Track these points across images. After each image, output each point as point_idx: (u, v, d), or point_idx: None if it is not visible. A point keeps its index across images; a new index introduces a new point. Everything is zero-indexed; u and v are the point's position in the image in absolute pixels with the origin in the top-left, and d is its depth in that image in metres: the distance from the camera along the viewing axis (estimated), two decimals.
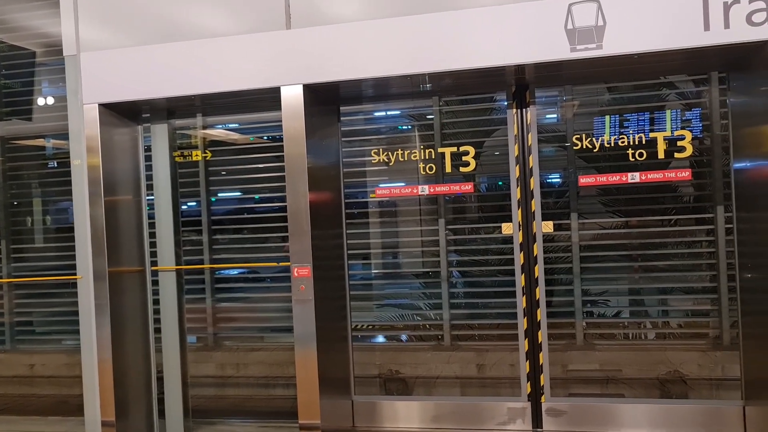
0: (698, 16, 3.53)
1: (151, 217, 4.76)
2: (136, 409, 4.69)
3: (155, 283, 4.80)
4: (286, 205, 4.11)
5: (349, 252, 4.73)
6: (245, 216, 4.99)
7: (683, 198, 4.52)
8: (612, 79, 4.44)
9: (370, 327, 4.92)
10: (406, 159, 4.57)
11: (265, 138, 4.92)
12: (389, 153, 4.58)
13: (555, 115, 4.63)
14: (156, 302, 4.79)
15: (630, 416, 4.24)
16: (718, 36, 3.52)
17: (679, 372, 4.38)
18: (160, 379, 4.79)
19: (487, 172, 4.72)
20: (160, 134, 4.72)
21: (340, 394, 4.56)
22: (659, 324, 4.66)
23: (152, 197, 4.74)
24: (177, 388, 4.76)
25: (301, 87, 4.06)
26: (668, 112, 4.25)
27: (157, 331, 4.80)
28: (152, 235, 4.79)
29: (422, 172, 4.54)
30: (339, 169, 4.66)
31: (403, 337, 4.96)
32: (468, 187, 4.49)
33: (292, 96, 4.07)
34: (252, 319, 5.13)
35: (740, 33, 3.49)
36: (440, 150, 4.52)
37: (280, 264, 4.68)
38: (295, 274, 4.09)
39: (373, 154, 4.61)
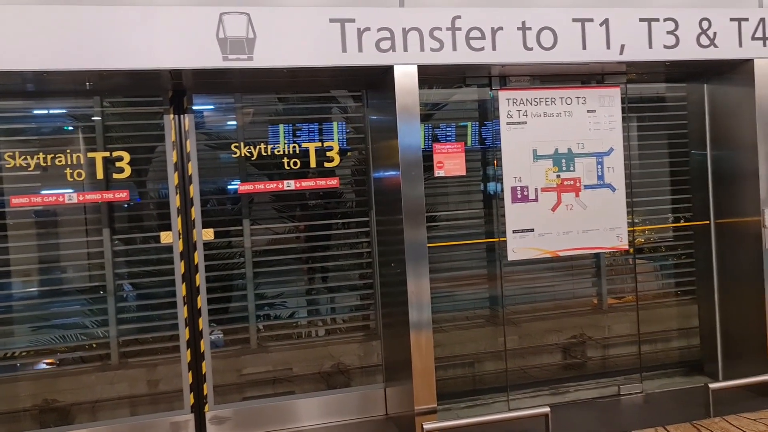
0: (337, 38, 3.89)
1: None
2: None
3: None
4: None
5: None
6: None
7: (345, 204, 4.94)
8: (270, 90, 4.64)
9: (17, 354, 4.32)
10: (50, 164, 4.11)
11: None
12: (29, 157, 4.07)
13: (222, 122, 4.66)
14: None
15: (294, 412, 4.46)
16: (353, 58, 3.92)
17: (342, 363, 4.75)
18: None
19: (149, 178, 4.53)
20: None
21: None
22: (327, 321, 4.99)
23: None
24: None
25: None
26: (333, 125, 4.60)
27: None
28: None
29: (70, 179, 4.14)
30: None
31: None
32: (123, 195, 4.23)
33: None
34: None
35: (371, 57, 3.94)
36: (90, 155, 4.17)
37: None
38: None
39: (6, 158, 4.05)
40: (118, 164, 4.20)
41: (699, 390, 4.61)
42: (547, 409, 4.00)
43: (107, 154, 4.19)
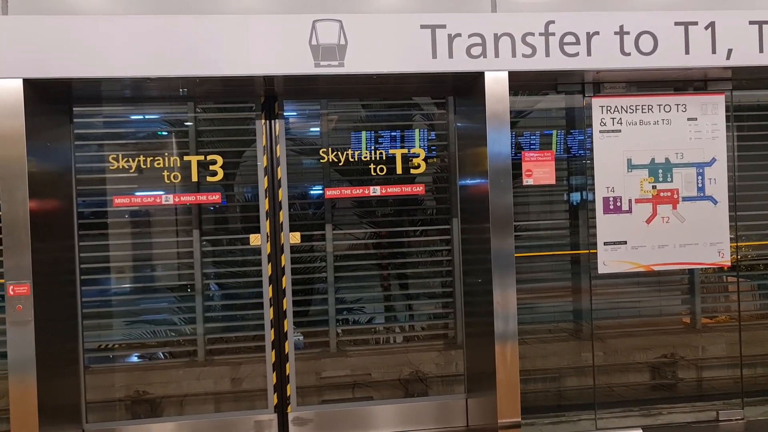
0: (428, 45, 3.87)
1: None
2: None
3: None
4: None
5: (88, 266, 4.31)
6: None
7: (426, 211, 4.92)
8: (355, 96, 4.67)
9: (114, 346, 4.54)
10: (149, 166, 4.30)
11: None
12: (131, 159, 4.27)
13: (309, 128, 4.74)
14: None
15: (374, 417, 4.46)
16: (443, 64, 3.89)
17: (420, 371, 4.72)
18: None
19: (240, 182, 4.66)
20: None
21: (68, 423, 4.11)
22: (405, 328, 4.98)
23: None
24: None
25: (20, 81, 3.60)
26: (416, 131, 4.59)
27: None
28: None
29: (167, 181, 4.31)
30: (71, 175, 4.23)
31: (160, 354, 4.66)
32: (215, 197, 4.36)
33: (8, 90, 3.59)
34: None
35: (461, 63, 3.90)
36: (187, 158, 4.33)
37: None
38: (11, 293, 3.60)
39: (111, 160, 4.26)
40: (212, 168, 4.34)
41: None
42: (639, 431, 3.81)
43: (201, 157, 4.35)
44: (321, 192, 4.57)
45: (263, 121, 4.34)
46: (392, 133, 4.57)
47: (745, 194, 4.76)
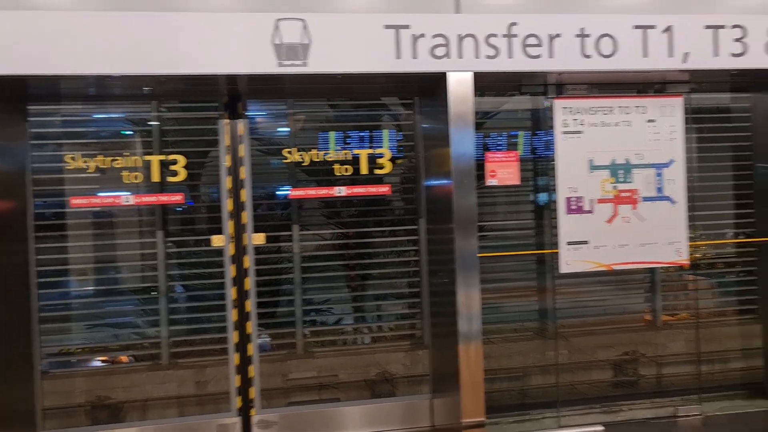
0: (392, 45, 3.87)
1: None
2: None
3: None
4: None
5: (45, 269, 4.21)
6: None
7: (394, 211, 4.92)
8: (322, 96, 4.66)
9: (73, 351, 4.45)
10: (109, 166, 4.21)
11: None
12: (89, 159, 4.18)
13: (274, 128, 4.71)
14: None
15: (340, 419, 4.44)
16: (408, 64, 3.89)
17: (387, 372, 4.71)
18: None
19: (205, 182, 4.61)
20: None
21: (22, 431, 4.00)
22: (373, 328, 4.97)
23: None
24: None
25: None
26: (383, 132, 4.58)
27: None
28: None
29: (127, 181, 4.22)
30: (27, 176, 4.12)
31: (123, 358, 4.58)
32: (178, 198, 4.29)
33: None
34: None
35: (425, 63, 3.91)
36: (148, 158, 4.25)
37: None
38: None
39: (68, 160, 4.16)
40: (172, 168, 4.28)
41: (761, 414, 4.39)
42: (601, 428, 3.87)
43: (163, 157, 4.27)
44: (287, 192, 4.54)
45: (226, 120, 4.29)
46: (359, 134, 4.55)
47: (704, 194, 4.88)
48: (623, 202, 4.36)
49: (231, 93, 4.28)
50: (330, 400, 4.59)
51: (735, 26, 4.16)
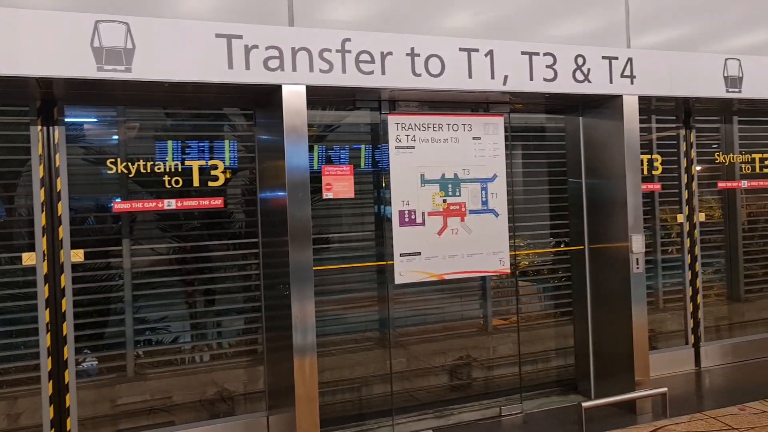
0: (224, 55, 3.77)
1: None
2: None
3: None
4: None
5: None
6: None
7: (233, 224, 4.76)
8: (155, 104, 4.42)
9: None
10: None
11: None
12: None
13: (98, 136, 4.38)
14: None
15: None
16: (240, 75, 3.82)
17: (226, 390, 4.54)
18: None
19: (22, 194, 4.18)
20: None
21: None
22: (212, 345, 4.76)
23: None
24: None
25: None
26: (225, 143, 4.44)
27: None
28: None
29: None
30: None
31: None
32: None
33: None
34: None
35: (259, 75, 3.85)
36: None
37: None
38: None
39: None
40: None
41: (573, 408, 4.81)
42: None
43: None
44: (111, 205, 4.24)
45: (39, 127, 3.93)
46: (198, 144, 4.38)
47: (526, 207, 5.28)
48: (452, 214, 4.59)
49: (45, 97, 3.93)
50: (163, 425, 4.33)
51: (546, 53, 4.56)
